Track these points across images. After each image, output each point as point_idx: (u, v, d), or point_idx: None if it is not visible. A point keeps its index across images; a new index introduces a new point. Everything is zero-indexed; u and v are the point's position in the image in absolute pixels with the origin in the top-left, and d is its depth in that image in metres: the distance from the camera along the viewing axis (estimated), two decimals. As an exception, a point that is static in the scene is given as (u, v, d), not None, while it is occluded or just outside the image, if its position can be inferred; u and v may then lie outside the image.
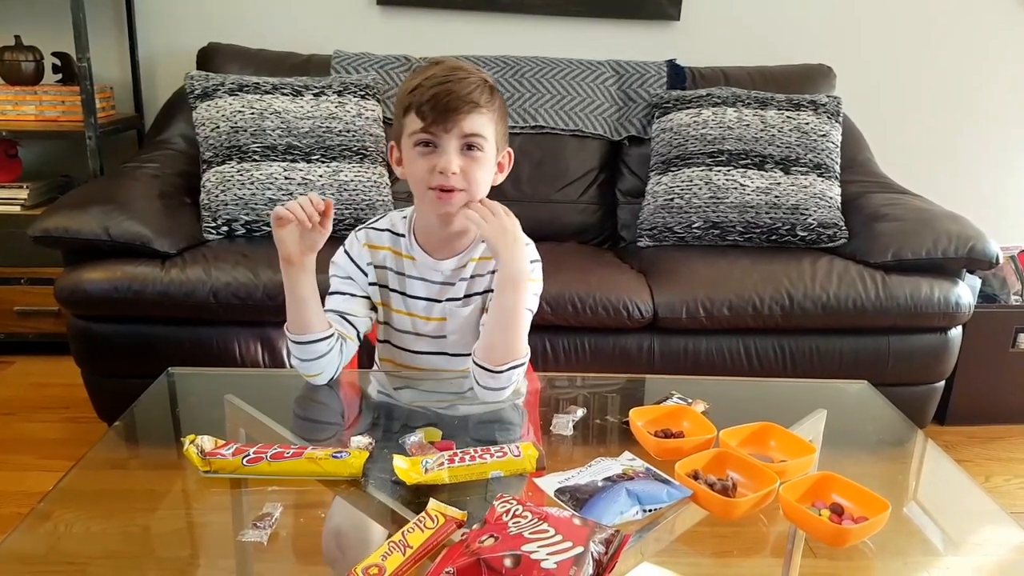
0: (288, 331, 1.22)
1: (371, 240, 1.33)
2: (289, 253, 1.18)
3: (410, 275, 1.33)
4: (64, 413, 2.25)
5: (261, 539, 0.90)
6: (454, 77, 1.19)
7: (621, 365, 2.02)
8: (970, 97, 2.93)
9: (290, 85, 2.28)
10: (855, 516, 0.94)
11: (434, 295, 1.32)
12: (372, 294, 1.34)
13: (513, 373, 1.21)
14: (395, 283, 1.33)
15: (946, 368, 2.16)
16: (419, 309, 1.33)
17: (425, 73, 1.21)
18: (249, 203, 2.15)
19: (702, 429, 1.11)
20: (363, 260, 1.32)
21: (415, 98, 1.18)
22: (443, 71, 1.20)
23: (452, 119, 1.18)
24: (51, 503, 0.98)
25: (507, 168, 1.32)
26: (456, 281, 1.32)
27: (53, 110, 2.52)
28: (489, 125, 1.22)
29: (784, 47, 2.77)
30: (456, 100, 1.17)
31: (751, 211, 2.28)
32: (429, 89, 1.17)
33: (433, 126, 1.18)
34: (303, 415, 1.29)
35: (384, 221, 1.35)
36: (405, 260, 1.33)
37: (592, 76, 2.55)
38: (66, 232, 1.89)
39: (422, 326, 1.34)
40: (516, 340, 1.21)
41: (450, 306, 1.32)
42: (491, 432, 1.21)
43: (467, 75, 1.20)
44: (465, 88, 1.18)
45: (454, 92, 1.17)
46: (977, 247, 2.05)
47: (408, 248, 1.32)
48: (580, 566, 0.77)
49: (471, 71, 1.22)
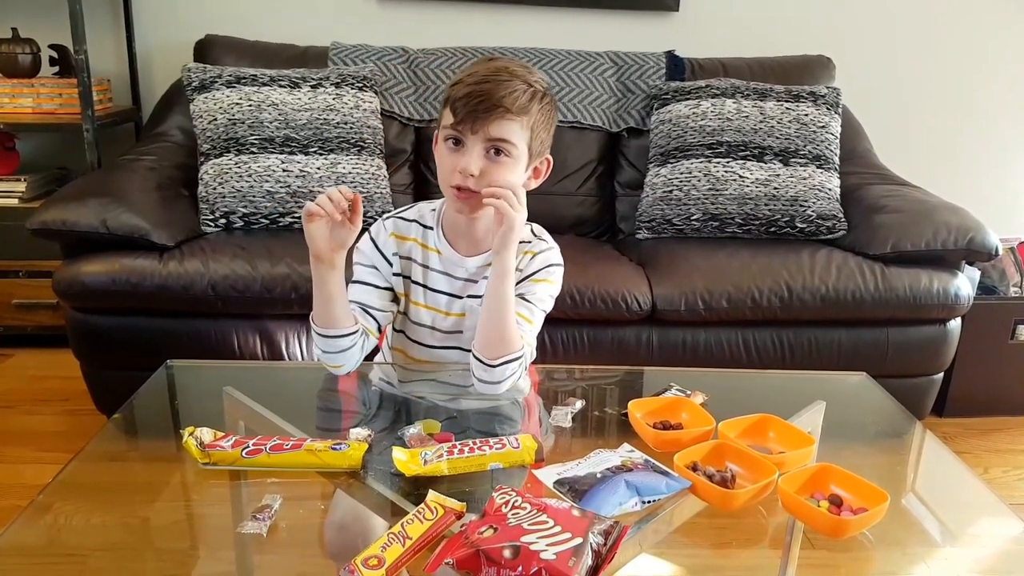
0: (314, 323, 1.22)
1: (399, 230, 1.32)
2: (319, 250, 1.16)
3: (434, 269, 1.31)
4: (63, 406, 2.25)
5: (260, 531, 0.90)
6: (495, 79, 1.16)
7: (620, 357, 2.02)
8: (970, 87, 2.92)
9: (287, 77, 2.28)
10: (854, 507, 0.94)
11: (456, 291, 1.32)
12: (395, 284, 1.32)
13: (508, 368, 1.20)
14: (418, 275, 1.32)
15: (945, 360, 2.16)
16: (440, 304, 1.33)
17: (473, 68, 1.19)
18: (247, 195, 2.14)
19: (701, 421, 1.11)
20: (389, 249, 1.31)
21: (454, 92, 1.17)
22: (489, 71, 1.18)
23: (480, 121, 1.15)
24: (51, 495, 0.98)
25: (543, 175, 1.29)
26: (479, 279, 1.30)
27: (50, 103, 2.51)
28: (521, 132, 1.18)
29: (783, 38, 2.76)
30: (488, 103, 1.15)
31: (750, 203, 2.28)
32: (467, 87, 1.16)
33: (461, 124, 1.16)
34: (304, 407, 1.29)
35: (413, 212, 1.33)
36: (431, 253, 1.31)
37: (591, 67, 2.54)
38: (64, 225, 1.88)
39: (440, 321, 1.33)
40: (510, 332, 1.20)
41: (471, 303, 1.31)
42: (491, 425, 1.21)
43: (510, 78, 1.17)
44: (501, 91, 1.15)
45: (488, 94, 1.15)
46: (976, 239, 2.05)
47: (436, 242, 1.31)
48: (579, 557, 0.77)
49: (518, 74, 1.18)
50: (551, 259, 1.30)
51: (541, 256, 1.30)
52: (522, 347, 1.21)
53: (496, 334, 1.19)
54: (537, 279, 1.28)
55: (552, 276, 1.30)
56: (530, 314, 1.26)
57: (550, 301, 1.31)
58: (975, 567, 1.01)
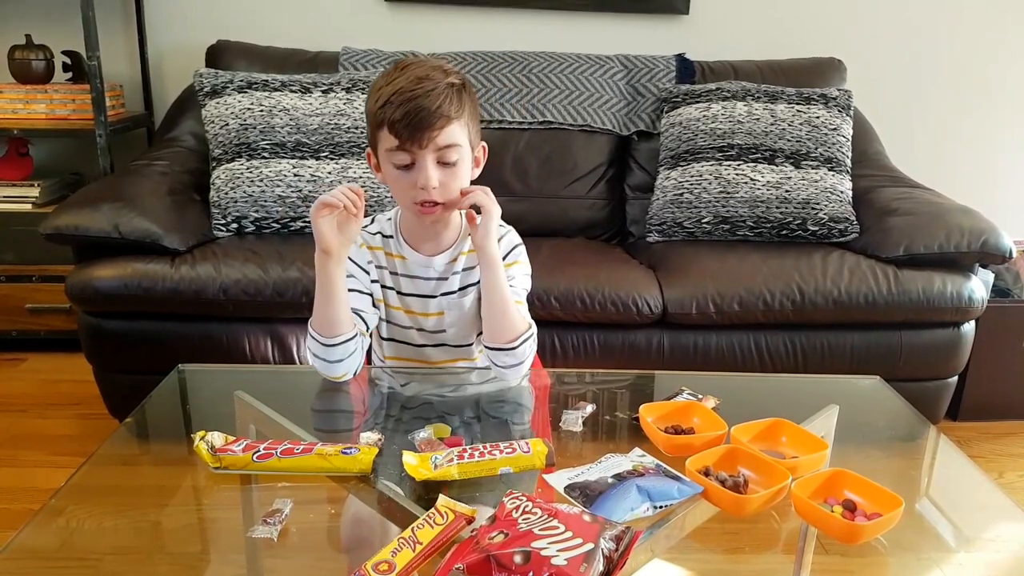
0: (314, 332, 1.22)
1: (367, 241, 1.35)
2: (329, 244, 1.18)
3: (403, 274, 1.35)
4: (75, 409, 2.27)
5: (271, 535, 0.90)
6: (421, 90, 1.17)
7: (630, 361, 2.02)
8: (982, 89, 2.90)
9: (299, 82, 2.28)
10: (868, 512, 0.93)
11: (430, 291, 1.35)
12: (375, 292, 1.35)
13: (526, 346, 1.25)
14: (391, 282, 1.36)
15: (959, 363, 2.14)
16: (415, 306, 1.36)
17: (392, 85, 1.19)
18: (259, 200, 2.15)
19: (713, 425, 1.11)
20: (363, 260, 1.34)
21: (387, 115, 1.17)
22: (409, 83, 1.18)
23: (426, 136, 1.17)
24: (63, 499, 0.98)
25: (483, 161, 1.32)
26: (449, 276, 1.34)
27: (63, 108, 2.53)
28: (463, 131, 1.22)
29: (794, 40, 2.75)
30: (428, 116, 1.16)
31: (761, 206, 2.27)
32: (399, 107, 1.16)
33: (408, 143, 1.18)
34: (314, 411, 1.29)
35: (373, 225, 1.37)
36: (396, 260, 1.35)
37: (600, 71, 2.54)
38: (77, 229, 1.90)
39: (422, 322, 1.37)
40: (516, 315, 1.25)
41: (447, 300, 1.34)
42: (502, 420, 1.22)
43: (434, 85, 1.18)
44: (435, 101, 1.17)
45: (424, 108, 1.16)
46: (990, 241, 2.04)
47: (398, 248, 1.34)
48: (591, 563, 0.77)
49: (436, 78, 1.19)
50: (513, 241, 1.36)
51: (504, 240, 1.33)
52: (530, 323, 1.28)
53: (505, 321, 1.24)
54: (508, 263, 1.32)
55: (520, 256, 1.36)
56: (519, 297, 1.31)
57: (528, 279, 1.37)
58: (990, 572, 1.00)
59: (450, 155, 1.21)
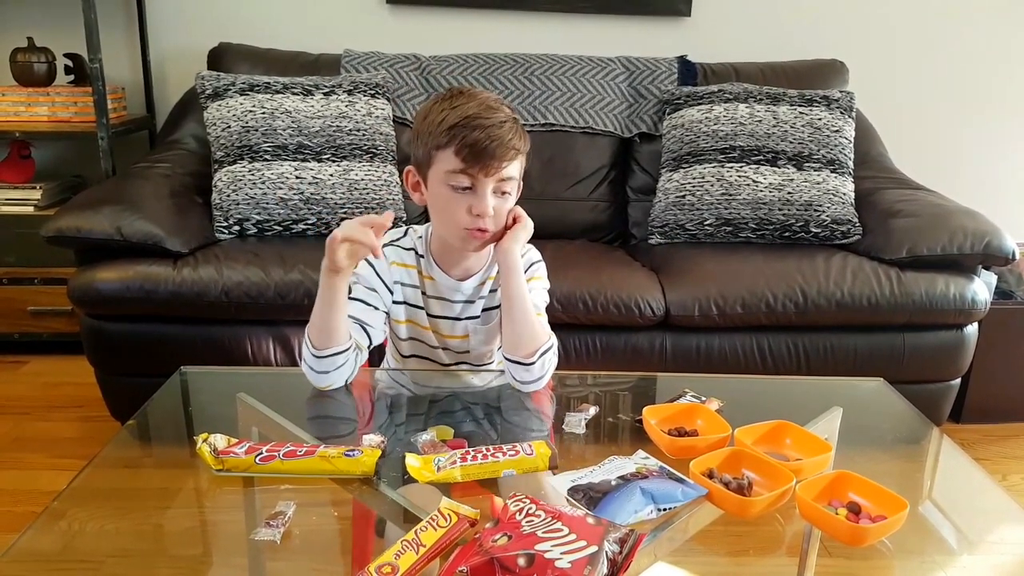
0: (310, 342, 1.21)
1: (400, 258, 1.33)
2: (340, 265, 1.16)
3: (431, 295, 1.34)
4: (77, 412, 2.27)
5: (274, 538, 0.90)
6: (495, 120, 1.17)
7: (633, 363, 2.02)
8: (984, 90, 2.90)
9: (300, 84, 2.28)
10: (872, 515, 0.93)
11: (456, 314, 1.35)
12: (396, 312, 1.34)
13: (544, 360, 1.24)
14: (420, 302, 1.35)
15: (962, 365, 2.14)
16: (442, 327, 1.36)
17: (459, 110, 1.18)
18: (260, 202, 2.15)
19: (716, 427, 1.10)
20: (390, 278, 1.32)
21: (456, 136, 1.17)
22: (481, 110, 1.18)
23: (493, 165, 1.18)
24: (65, 501, 0.98)
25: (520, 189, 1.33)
26: (476, 299, 1.34)
27: (65, 111, 2.53)
28: (520, 166, 1.25)
29: (796, 42, 2.75)
30: (502, 148, 1.17)
31: (764, 207, 2.27)
32: (471, 132, 1.16)
33: (473, 169, 1.18)
34: (317, 414, 1.29)
35: (406, 239, 1.35)
36: (427, 281, 1.34)
37: (602, 73, 2.54)
38: (79, 232, 1.89)
39: (448, 342, 1.38)
40: (535, 325, 1.24)
41: (472, 323, 1.35)
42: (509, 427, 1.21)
43: (505, 117, 1.19)
44: (507, 134, 1.18)
45: (498, 138, 1.16)
46: (993, 243, 2.03)
47: (428, 268, 1.33)
48: (594, 565, 0.77)
49: (504, 110, 1.21)
50: (532, 257, 1.36)
51: (525, 256, 1.33)
52: (550, 334, 1.26)
53: (524, 330, 1.23)
54: (528, 278, 1.31)
55: (539, 272, 1.36)
56: (537, 309, 1.30)
57: (546, 296, 1.37)
58: (994, 575, 1.00)
59: (508, 186, 1.23)
